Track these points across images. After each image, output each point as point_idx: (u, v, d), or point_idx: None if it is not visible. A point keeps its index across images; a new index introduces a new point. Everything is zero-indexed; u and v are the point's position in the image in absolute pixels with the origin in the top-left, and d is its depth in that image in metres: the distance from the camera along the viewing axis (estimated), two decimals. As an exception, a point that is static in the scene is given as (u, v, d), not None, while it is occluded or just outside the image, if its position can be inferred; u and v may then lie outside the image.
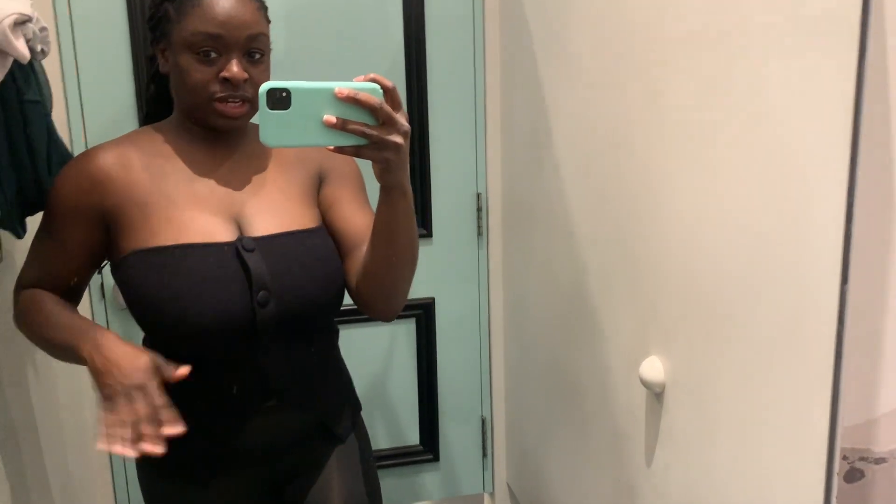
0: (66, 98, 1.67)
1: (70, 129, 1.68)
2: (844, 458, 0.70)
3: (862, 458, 0.69)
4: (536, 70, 1.61)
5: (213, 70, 1.03)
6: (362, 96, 0.85)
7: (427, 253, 1.93)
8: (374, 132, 0.86)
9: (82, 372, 1.02)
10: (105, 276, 1.75)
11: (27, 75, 1.14)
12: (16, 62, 1.08)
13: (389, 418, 2.00)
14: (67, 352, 1.01)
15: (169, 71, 1.07)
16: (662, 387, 1.16)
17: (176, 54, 1.04)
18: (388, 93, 0.87)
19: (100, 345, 0.96)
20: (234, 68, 1.02)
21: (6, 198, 1.14)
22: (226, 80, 1.03)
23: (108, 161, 1.06)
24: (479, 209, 1.95)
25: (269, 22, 1.09)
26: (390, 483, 2.02)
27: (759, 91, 0.85)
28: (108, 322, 1.79)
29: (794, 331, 0.77)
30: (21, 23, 1.07)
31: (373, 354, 1.95)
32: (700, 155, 1.01)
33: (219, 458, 1.11)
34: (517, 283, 1.88)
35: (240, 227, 1.07)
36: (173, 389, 0.96)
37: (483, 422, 2.07)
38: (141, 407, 0.91)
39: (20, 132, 1.14)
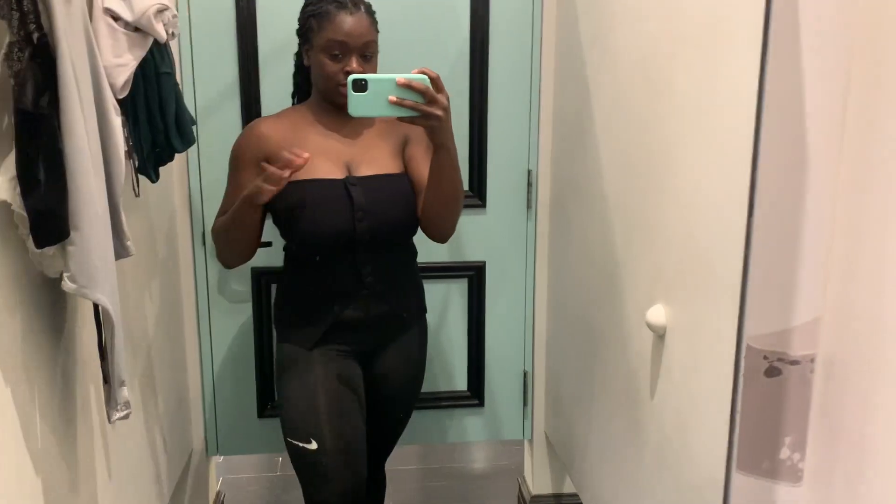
0: (181, 76, 1.98)
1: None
2: (765, 357, 0.91)
3: (780, 360, 0.90)
4: (583, 62, 1.83)
5: (340, 66, 1.54)
6: (414, 83, 1.33)
7: (480, 222, 2.18)
8: (423, 107, 1.35)
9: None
10: (207, 223, 2.06)
11: (162, 52, 1.44)
12: (154, 41, 1.38)
13: (441, 365, 2.26)
14: (238, 219, 1.53)
15: (310, 65, 1.60)
16: (664, 329, 1.37)
17: (316, 54, 1.56)
18: (433, 81, 1.35)
19: (242, 199, 1.49)
20: (353, 64, 1.53)
21: (143, 151, 1.44)
22: (347, 72, 1.52)
23: (264, 126, 1.62)
24: (529, 184, 2.18)
25: (377, 32, 1.59)
26: (440, 421, 2.28)
27: (745, 85, 1.06)
28: (206, 264, 2.10)
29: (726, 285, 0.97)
30: (161, 11, 1.37)
31: (431, 307, 2.21)
32: (697, 137, 1.22)
33: (325, 329, 1.62)
34: (559, 251, 2.11)
35: (349, 170, 1.59)
36: (304, 282, 1.62)
37: (525, 374, 2.31)
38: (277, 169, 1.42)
39: (155, 98, 1.44)
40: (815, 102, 0.90)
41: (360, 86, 1.35)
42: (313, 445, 1.59)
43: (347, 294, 1.62)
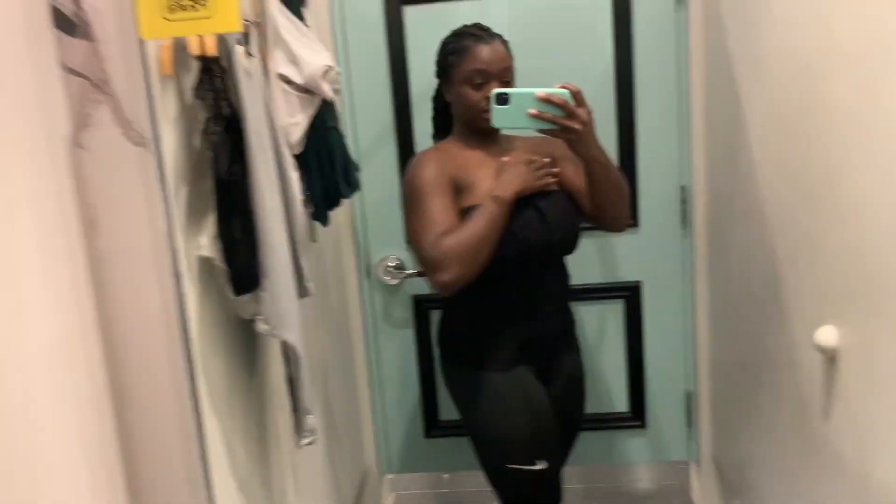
0: (343, 121, 2.14)
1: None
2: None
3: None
4: (734, 75, 1.79)
5: (482, 93, 1.57)
6: (553, 97, 1.38)
7: (634, 241, 2.17)
8: (561, 121, 1.39)
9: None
10: (372, 256, 2.20)
11: (329, 107, 1.58)
12: (322, 99, 1.52)
13: (601, 386, 2.27)
14: (492, 222, 1.50)
15: (451, 100, 1.65)
16: (835, 351, 1.32)
17: (457, 87, 1.60)
18: (574, 94, 1.39)
19: (496, 196, 1.51)
20: (495, 90, 1.49)
21: (316, 198, 1.58)
22: (488, 98, 1.51)
23: (432, 153, 1.63)
24: (683, 201, 2.15)
25: (513, 59, 1.61)
26: (601, 444, 2.29)
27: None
28: (370, 295, 2.25)
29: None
30: (326, 72, 1.51)
31: (587, 330, 2.23)
32: (862, 152, 1.17)
33: (517, 348, 1.64)
34: (718, 268, 2.05)
35: None
36: (492, 302, 1.63)
37: (688, 395, 2.27)
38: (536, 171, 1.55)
39: (325, 150, 1.58)
40: None
41: (503, 99, 1.41)
42: (543, 465, 1.62)
43: (532, 311, 1.65)
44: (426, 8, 2.08)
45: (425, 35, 2.09)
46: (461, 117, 1.66)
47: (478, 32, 1.61)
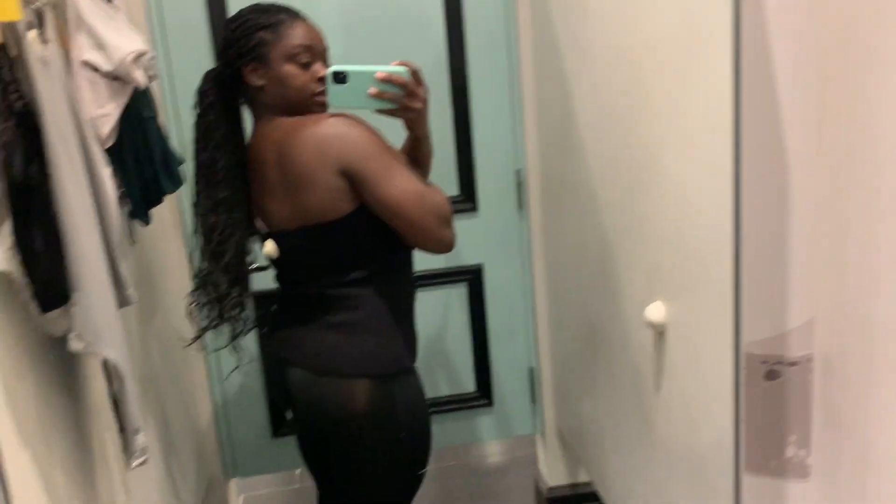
0: (163, 111, 1.99)
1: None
2: (764, 362, 0.93)
3: (778, 363, 0.92)
4: (562, 60, 1.84)
5: (310, 74, 1.41)
6: (394, 76, 1.32)
7: (474, 225, 2.19)
8: (403, 100, 1.34)
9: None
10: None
11: (143, 96, 1.45)
12: (136, 87, 1.39)
13: (449, 369, 2.29)
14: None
15: (266, 82, 1.42)
16: (664, 326, 1.39)
17: (277, 66, 1.40)
18: (413, 73, 1.33)
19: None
20: (322, 70, 1.41)
21: (134, 196, 1.45)
22: (321, 79, 1.40)
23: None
24: (519, 184, 2.20)
25: None
26: (451, 425, 2.31)
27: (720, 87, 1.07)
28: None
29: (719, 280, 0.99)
30: (138, 57, 1.38)
31: (432, 315, 2.23)
32: (677, 138, 1.23)
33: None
34: (554, 248, 2.12)
35: None
36: (398, 297, 1.50)
37: (531, 371, 2.34)
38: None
39: (141, 142, 1.45)
40: (790, 103, 0.91)
41: (340, 78, 1.33)
42: (426, 468, 1.57)
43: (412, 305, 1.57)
44: (250, -11, 1.96)
45: (250, 17, 1.98)
46: (288, 99, 1.42)
47: (289, 9, 1.45)
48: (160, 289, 1.90)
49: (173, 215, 2.06)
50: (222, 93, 1.49)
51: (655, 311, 1.40)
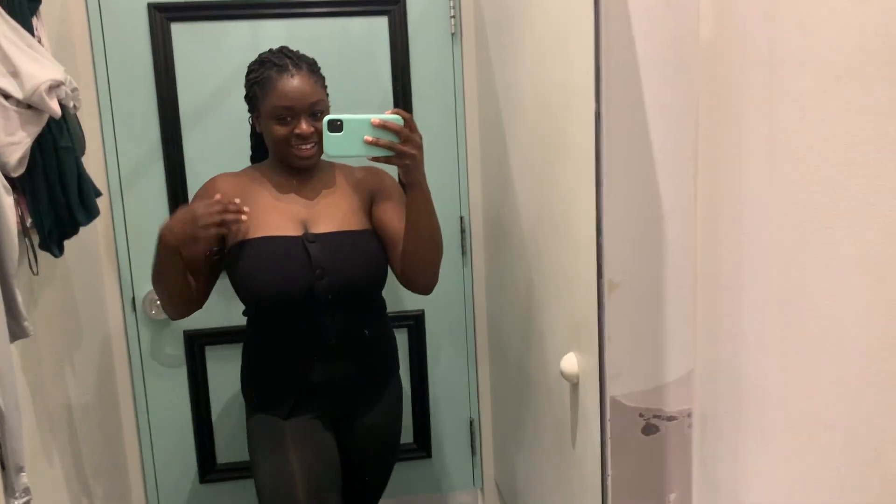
0: (104, 144, 1.97)
1: (107, 168, 1.99)
2: (641, 415, 0.90)
3: (656, 416, 0.89)
4: (500, 110, 1.84)
5: (289, 129, 1.51)
6: (389, 123, 1.35)
7: (416, 270, 2.16)
8: (398, 146, 1.36)
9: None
10: (136, 289, 2.04)
11: (60, 127, 1.43)
12: (51, 117, 1.37)
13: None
14: (164, 261, 1.45)
15: (261, 130, 1.56)
16: (577, 378, 1.36)
17: (265, 120, 1.53)
18: (407, 121, 1.37)
19: (166, 225, 1.42)
20: (303, 126, 1.50)
21: (45, 227, 1.42)
22: (298, 135, 1.50)
23: (221, 181, 1.59)
24: (462, 231, 2.18)
25: (325, 87, 1.57)
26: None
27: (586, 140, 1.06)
28: (138, 330, 2.08)
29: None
30: (53, 87, 1.36)
31: (370, 361, 2.19)
32: (588, 188, 1.22)
33: (295, 395, 1.57)
34: (494, 295, 2.10)
35: (305, 227, 1.54)
36: (267, 348, 1.57)
37: (471, 422, 2.29)
38: (209, 209, 1.38)
39: (55, 173, 1.42)
40: (664, 155, 0.90)
41: (336, 126, 1.35)
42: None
43: (312, 357, 1.56)
44: (195, 26, 1.98)
45: (195, 54, 1.99)
46: (271, 150, 1.59)
47: (281, 62, 1.52)
48: (85, 322, 1.86)
49: (108, 247, 2.03)
50: (253, 129, 1.65)
51: (569, 363, 1.37)
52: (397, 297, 2.19)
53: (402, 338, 2.21)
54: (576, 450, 1.42)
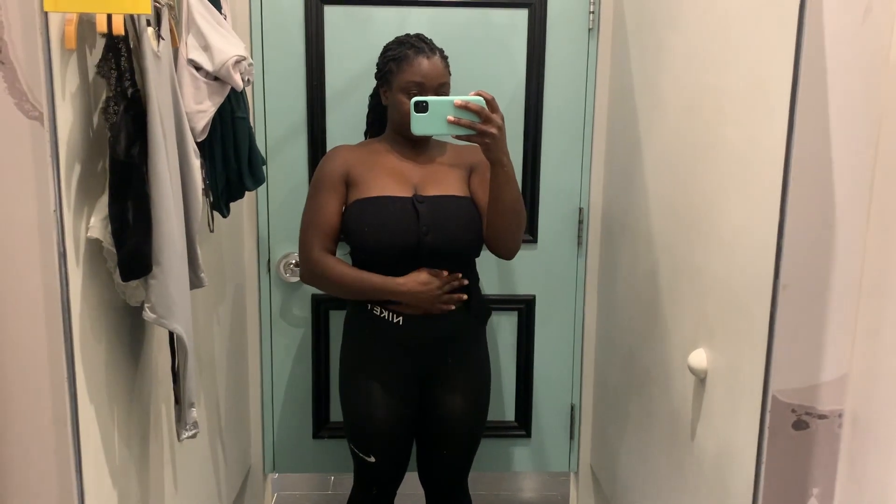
0: (254, 115, 2.12)
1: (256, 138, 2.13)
2: (793, 411, 0.94)
3: (808, 413, 0.94)
4: (635, 105, 1.89)
5: None
6: (471, 104, 1.47)
7: (532, 256, 2.24)
8: (478, 126, 1.48)
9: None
10: (273, 252, 2.19)
11: (238, 98, 1.57)
12: (232, 88, 1.50)
13: (491, 395, 2.31)
14: (364, 294, 1.73)
15: (388, 104, 1.75)
16: (705, 373, 1.41)
17: (395, 94, 1.71)
18: (488, 102, 1.48)
19: (397, 289, 1.68)
20: (414, 99, 1.57)
21: (218, 189, 1.56)
22: None
23: (345, 151, 1.80)
24: (580, 222, 2.24)
25: (450, 74, 1.74)
26: (487, 450, 2.34)
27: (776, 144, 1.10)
28: (270, 291, 2.22)
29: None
30: (238, 62, 1.49)
31: (480, 339, 2.28)
32: (738, 189, 1.26)
33: (388, 342, 1.76)
34: (608, 287, 2.15)
35: (416, 190, 1.73)
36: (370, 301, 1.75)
37: (572, 408, 2.35)
38: (438, 299, 1.69)
39: (230, 140, 1.56)
40: (842, 167, 0.94)
41: (422, 107, 1.48)
42: (371, 459, 1.81)
43: (409, 309, 1.72)
44: (347, 10, 2.09)
45: (344, 36, 2.10)
46: (394, 122, 1.76)
47: (419, 44, 1.70)
48: (229, 279, 2.01)
49: (250, 211, 2.18)
50: (376, 100, 1.87)
51: (698, 358, 1.42)
52: (510, 281, 2.27)
53: (511, 320, 2.29)
54: (694, 442, 1.47)
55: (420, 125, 1.50)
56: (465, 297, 1.72)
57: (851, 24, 0.87)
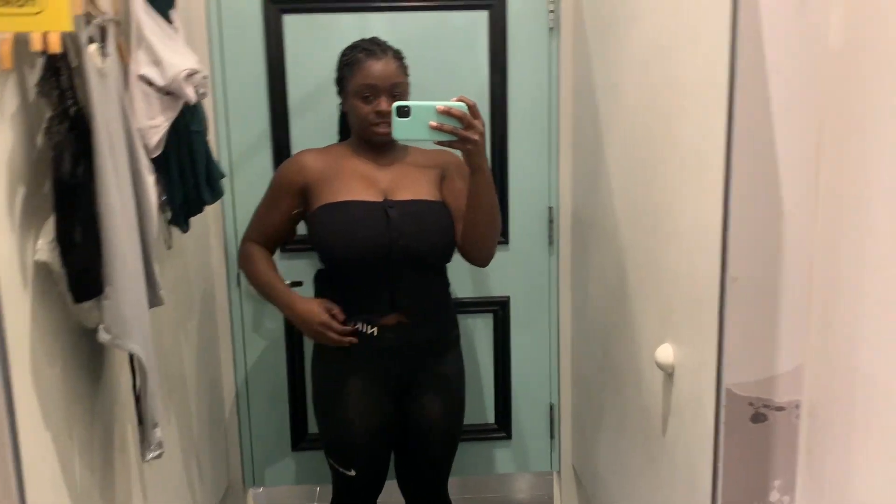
0: (216, 128, 2.10)
1: (218, 151, 2.11)
2: (751, 404, 0.94)
3: (765, 406, 0.93)
4: (597, 105, 1.89)
5: (371, 107, 1.67)
6: (453, 109, 1.45)
7: (504, 258, 2.23)
8: (460, 132, 1.45)
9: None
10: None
11: (193, 112, 1.55)
12: (186, 102, 1.48)
13: (469, 398, 2.30)
14: (267, 298, 1.78)
15: (347, 110, 1.74)
16: (672, 368, 1.41)
17: (350, 99, 1.70)
18: (470, 108, 1.46)
19: (291, 305, 1.72)
20: (383, 105, 1.65)
21: (175, 203, 1.54)
22: (378, 112, 1.65)
23: (308, 157, 1.76)
24: (550, 221, 2.24)
25: (407, 74, 1.72)
26: (468, 455, 2.33)
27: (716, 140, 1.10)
28: (241, 304, 2.20)
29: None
30: (190, 75, 1.47)
31: (456, 343, 2.27)
32: (694, 186, 1.26)
33: (361, 353, 1.72)
34: (580, 285, 2.15)
35: (386, 195, 1.70)
36: (341, 304, 1.71)
37: (551, 407, 2.35)
38: (329, 334, 1.68)
39: (186, 154, 1.54)
40: (787, 157, 0.94)
41: (404, 112, 1.46)
42: (351, 473, 1.79)
43: (381, 318, 1.70)
44: (306, 18, 2.07)
45: (305, 43, 2.09)
46: (354, 128, 1.75)
47: (370, 47, 1.69)
48: (197, 294, 1.99)
49: (216, 225, 2.15)
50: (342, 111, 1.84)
51: (664, 353, 1.42)
52: (484, 283, 2.26)
53: (486, 322, 2.28)
54: (666, 437, 1.47)
55: (401, 130, 1.48)
56: (356, 340, 1.71)
57: (788, 10, 0.87)
